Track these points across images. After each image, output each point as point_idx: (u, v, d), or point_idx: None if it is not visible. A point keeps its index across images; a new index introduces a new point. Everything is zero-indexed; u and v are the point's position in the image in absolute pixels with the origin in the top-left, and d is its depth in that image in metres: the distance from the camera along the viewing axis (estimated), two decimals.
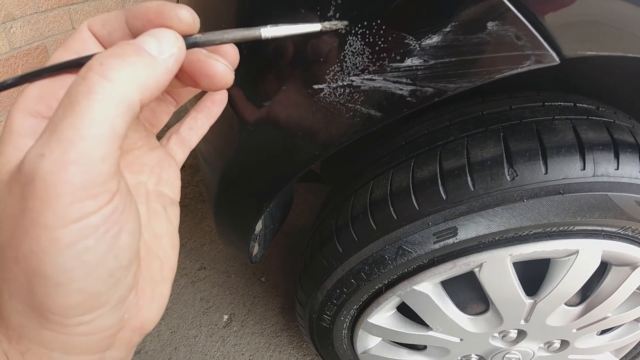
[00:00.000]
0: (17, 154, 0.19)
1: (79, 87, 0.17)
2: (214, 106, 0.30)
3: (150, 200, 0.26)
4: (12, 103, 0.21)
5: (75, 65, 0.20)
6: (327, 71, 0.38)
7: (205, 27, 0.24)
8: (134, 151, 0.26)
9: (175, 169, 0.28)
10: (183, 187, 1.59)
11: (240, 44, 0.42)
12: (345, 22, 0.34)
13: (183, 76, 0.23)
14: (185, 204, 1.52)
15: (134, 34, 0.21)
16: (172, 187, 0.28)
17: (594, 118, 0.56)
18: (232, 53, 0.25)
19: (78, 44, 0.22)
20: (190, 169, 1.67)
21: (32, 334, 0.19)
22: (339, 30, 0.35)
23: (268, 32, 0.25)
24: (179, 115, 0.33)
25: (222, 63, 0.22)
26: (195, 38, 0.22)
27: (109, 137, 0.17)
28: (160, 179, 0.27)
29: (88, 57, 0.19)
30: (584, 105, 0.59)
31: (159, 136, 0.29)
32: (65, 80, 0.21)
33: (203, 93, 0.31)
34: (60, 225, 0.17)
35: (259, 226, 0.72)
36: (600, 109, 0.59)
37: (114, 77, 0.17)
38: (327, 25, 0.31)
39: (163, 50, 0.19)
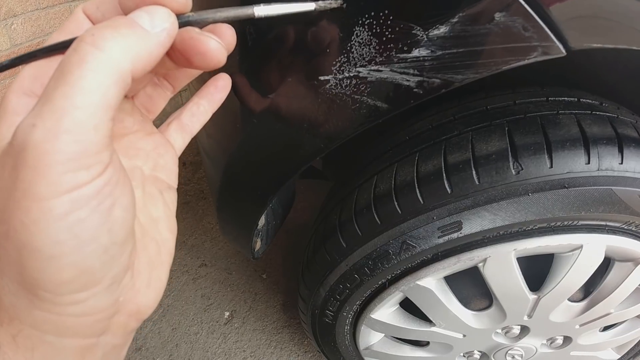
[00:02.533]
0: (11, 132, 0.19)
1: (71, 58, 0.17)
2: (217, 92, 0.30)
3: (146, 184, 0.25)
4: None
5: (69, 46, 0.21)
6: (334, 62, 0.38)
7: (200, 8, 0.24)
8: (130, 136, 0.26)
9: (172, 155, 0.28)
10: (184, 185, 1.59)
11: (246, 36, 0.42)
12: (340, 1, 0.33)
13: (176, 55, 0.23)
14: (186, 201, 1.52)
15: (127, 14, 0.21)
16: (169, 172, 0.27)
17: (597, 113, 0.56)
18: (229, 33, 0.25)
19: (73, 26, 0.22)
20: (191, 166, 1.67)
21: (24, 314, 0.19)
22: (337, 9, 0.34)
23: (261, 10, 0.25)
24: (177, 106, 0.33)
25: (214, 40, 0.22)
26: (188, 16, 0.22)
27: (101, 106, 0.17)
28: (156, 164, 0.27)
29: None
30: (588, 100, 0.59)
31: (157, 124, 0.29)
32: (59, 61, 0.21)
33: (204, 81, 0.31)
34: (52, 195, 0.17)
35: (261, 221, 0.72)
36: (604, 104, 0.59)
37: (106, 46, 0.17)
38: (322, 4, 0.31)
39: (155, 25, 0.19)
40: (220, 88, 0.30)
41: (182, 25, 0.21)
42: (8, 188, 0.17)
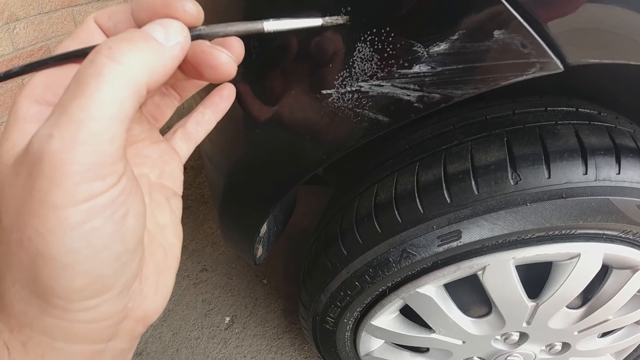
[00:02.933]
0: (23, 139, 0.19)
1: (88, 70, 0.18)
2: (222, 101, 0.30)
3: (153, 191, 0.26)
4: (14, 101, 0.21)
5: (81, 55, 0.21)
6: (336, 77, 0.39)
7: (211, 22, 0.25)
8: (137, 144, 0.26)
9: (178, 163, 0.28)
10: (185, 189, 1.59)
11: (252, 49, 0.43)
12: (347, 17, 0.34)
13: (187, 67, 0.23)
14: (187, 206, 1.53)
15: (140, 26, 0.21)
16: (175, 180, 0.28)
17: (596, 123, 0.56)
18: (237, 46, 0.25)
19: (85, 34, 0.22)
20: (192, 171, 1.68)
21: (35, 322, 0.19)
22: (342, 25, 0.35)
23: (270, 25, 0.26)
24: (182, 114, 0.34)
25: (225, 54, 0.22)
26: (199, 30, 0.22)
27: (118, 119, 0.18)
28: (162, 172, 0.27)
29: (93, 47, 0.19)
30: (586, 110, 0.59)
31: (163, 132, 0.30)
32: (71, 70, 0.21)
33: (209, 90, 0.32)
34: (68, 204, 0.17)
35: (263, 228, 0.73)
36: (602, 114, 0.59)
37: (123, 60, 0.18)
38: (329, 20, 0.31)
39: (169, 38, 0.20)
40: (224, 97, 0.30)
41: (194, 38, 0.22)
42: (23, 197, 0.18)
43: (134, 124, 0.26)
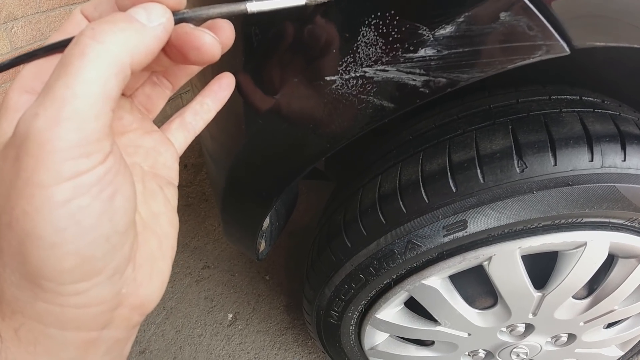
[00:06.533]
0: (12, 127, 0.19)
1: (72, 51, 0.18)
2: (221, 90, 0.30)
3: (146, 179, 0.26)
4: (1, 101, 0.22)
5: (69, 44, 0.21)
6: (340, 62, 0.38)
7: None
8: (129, 134, 0.26)
9: (172, 153, 0.28)
10: (186, 187, 1.59)
11: (253, 36, 0.42)
12: None
13: (172, 51, 0.23)
14: (188, 203, 1.52)
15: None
16: (169, 170, 0.28)
17: (600, 111, 0.56)
18: (227, 28, 0.25)
19: (72, 26, 0.23)
20: (192, 168, 1.67)
21: (27, 307, 0.19)
22: (326, 3, 0.31)
23: (254, 6, 0.25)
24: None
25: (209, 35, 0.22)
26: (183, 13, 0.23)
27: (101, 96, 0.18)
28: (156, 162, 0.27)
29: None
30: (590, 98, 0.59)
31: (159, 124, 0.29)
32: (59, 59, 0.21)
33: (207, 82, 0.31)
34: (53, 182, 0.17)
35: (266, 222, 0.72)
36: (606, 102, 0.59)
37: (106, 39, 0.18)
38: None
39: (152, 19, 0.20)
40: (224, 86, 0.30)
41: (177, 21, 0.22)
42: (11, 179, 0.18)
43: (125, 114, 0.26)
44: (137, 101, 0.28)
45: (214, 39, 0.23)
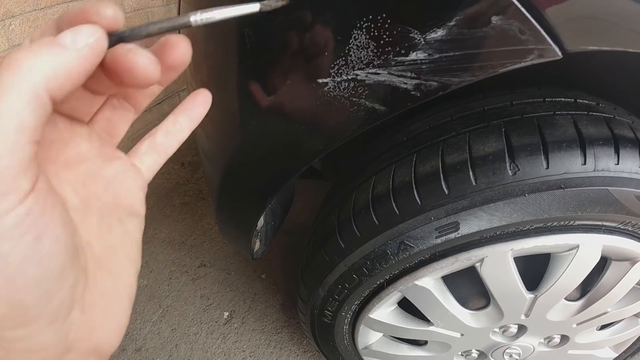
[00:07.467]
0: None
1: None
2: (196, 107, 0.28)
3: (103, 212, 0.24)
4: None
5: None
6: (332, 65, 0.38)
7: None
8: (87, 163, 0.25)
9: (136, 180, 0.26)
10: (183, 185, 1.59)
11: (246, 39, 0.42)
12: None
13: (110, 74, 0.22)
14: (185, 202, 1.52)
15: None
16: (133, 199, 0.26)
17: (594, 114, 0.56)
18: (180, 44, 0.23)
19: None
20: (190, 167, 1.67)
21: None
22: (282, 7, 0.31)
23: (198, 17, 0.24)
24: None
25: (142, 56, 0.21)
26: (121, 33, 0.21)
27: (14, 129, 0.16)
28: (117, 192, 0.25)
29: None
30: (584, 101, 0.59)
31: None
32: None
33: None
34: None
35: (260, 222, 0.72)
36: (601, 104, 0.59)
37: (14, 66, 0.17)
38: (267, 3, 0.29)
39: (77, 40, 0.19)
40: (199, 103, 0.28)
41: (114, 41, 0.21)
42: None
43: (82, 141, 0.25)
44: (97, 127, 0.26)
45: (149, 60, 0.21)
